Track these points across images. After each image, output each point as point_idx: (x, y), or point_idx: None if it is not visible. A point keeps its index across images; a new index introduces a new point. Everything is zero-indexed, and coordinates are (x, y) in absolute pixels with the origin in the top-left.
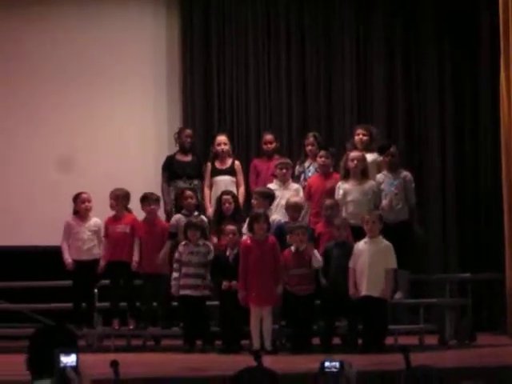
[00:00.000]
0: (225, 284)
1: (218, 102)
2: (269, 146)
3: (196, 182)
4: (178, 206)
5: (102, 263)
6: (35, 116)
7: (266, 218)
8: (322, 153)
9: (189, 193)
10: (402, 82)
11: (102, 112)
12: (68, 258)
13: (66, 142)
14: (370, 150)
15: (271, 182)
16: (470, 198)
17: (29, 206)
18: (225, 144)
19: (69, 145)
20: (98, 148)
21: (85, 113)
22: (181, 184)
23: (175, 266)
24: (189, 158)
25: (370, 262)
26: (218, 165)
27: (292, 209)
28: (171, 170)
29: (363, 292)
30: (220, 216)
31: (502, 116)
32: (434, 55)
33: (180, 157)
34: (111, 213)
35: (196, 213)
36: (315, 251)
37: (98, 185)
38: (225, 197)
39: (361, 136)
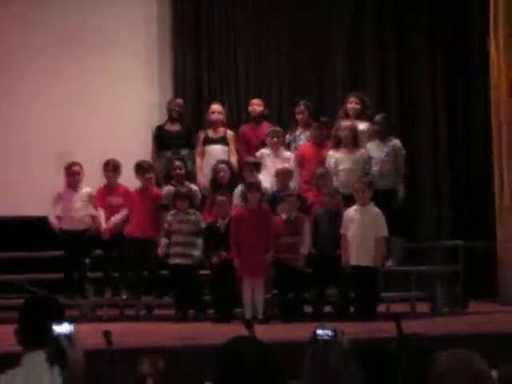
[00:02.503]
0: (215, 259)
1: (207, 73)
2: (255, 107)
3: (184, 151)
4: (167, 176)
5: (107, 232)
6: (29, 91)
7: (259, 187)
8: (314, 125)
9: (177, 163)
10: (394, 53)
11: (94, 85)
12: (54, 219)
13: (61, 115)
14: (363, 119)
15: (260, 149)
16: (462, 166)
17: (21, 176)
18: (219, 113)
19: (63, 118)
20: (90, 121)
21: (78, 86)
22: (169, 154)
23: (164, 236)
24: (177, 128)
25: (361, 230)
26: (210, 133)
27: (282, 175)
28: (160, 140)
29: (354, 261)
30: (216, 185)
31: (492, 81)
32: (425, 26)
33: (168, 126)
34: (103, 183)
35: (186, 183)
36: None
37: (91, 155)
38: (220, 166)
39: (353, 104)
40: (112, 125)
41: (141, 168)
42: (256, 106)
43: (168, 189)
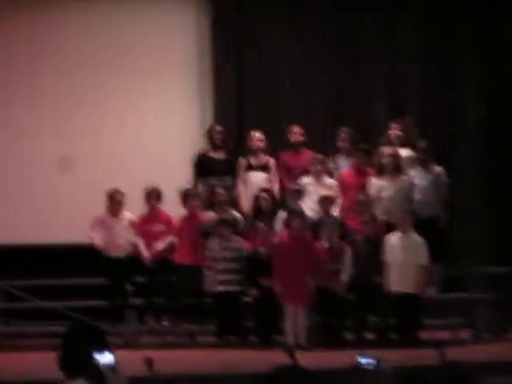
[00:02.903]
0: (257, 286)
1: (249, 99)
2: (296, 135)
3: (227, 178)
4: (209, 203)
5: (148, 260)
6: (75, 116)
7: (303, 214)
8: (355, 152)
9: (220, 190)
10: (437, 78)
11: (136, 113)
12: (97, 242)
13: (103, 141)
14: (405, 146)
15: (301, 176)
16: (506, 193)
17: (60, 203)
18: (260, 140)
19: (105, 144)
20: (131, 147)
21: (120, 113)
22: (212, 181)
23: (208, 263)
24: (220, 155)
25: (402, 257)
26: (252, 161)
27: (324, 202)
28: (202, 166)
29: (396, 287)
30: (257, 212)
31: None
32: (468, 52)
33: (211, 154)
34: (142, 209)
35: (229, 209)
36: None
37: (129, 182)
38: (262, 193)
39: (396, 131)
40: (154, 152)
41: (186, 195)
42: (296, 133)
43: (211, 215)
